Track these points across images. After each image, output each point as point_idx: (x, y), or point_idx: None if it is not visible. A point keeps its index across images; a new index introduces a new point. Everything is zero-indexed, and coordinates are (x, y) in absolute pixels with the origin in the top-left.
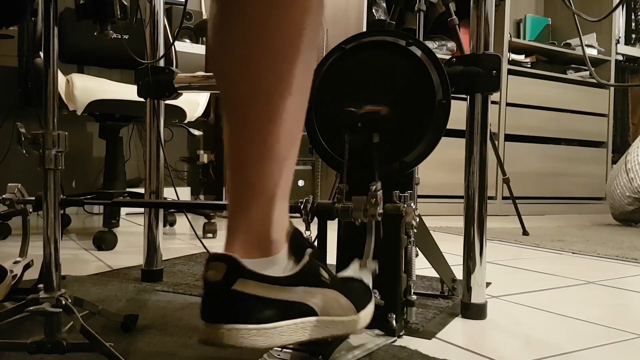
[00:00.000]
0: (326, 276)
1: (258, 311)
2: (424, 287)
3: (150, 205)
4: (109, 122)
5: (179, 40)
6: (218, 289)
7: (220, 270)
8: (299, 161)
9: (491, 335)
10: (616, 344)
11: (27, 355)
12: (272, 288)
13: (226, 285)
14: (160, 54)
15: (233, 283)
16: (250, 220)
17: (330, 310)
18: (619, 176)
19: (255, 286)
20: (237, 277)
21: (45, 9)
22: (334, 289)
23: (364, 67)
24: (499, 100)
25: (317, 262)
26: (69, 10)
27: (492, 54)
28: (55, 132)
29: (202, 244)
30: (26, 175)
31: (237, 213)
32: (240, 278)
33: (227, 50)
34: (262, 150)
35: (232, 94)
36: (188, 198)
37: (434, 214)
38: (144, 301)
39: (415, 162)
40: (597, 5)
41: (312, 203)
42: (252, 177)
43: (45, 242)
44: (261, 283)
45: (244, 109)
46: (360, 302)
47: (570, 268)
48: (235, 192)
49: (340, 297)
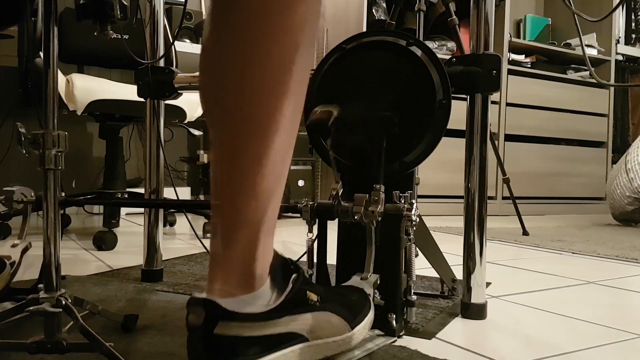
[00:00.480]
0: (315, 298)
1: (242, 351)
2: (424, 287)
3: (150, 205)
4: (109, 122)
5: (179, 40)
6: (200, 334)
7: (201, 315)
8: (299, 161)
9: (491, 335)
10: (616, 344)
11: (27, 355)
12: (255, 325)
13: (207, 329)
14: (160, 54)
15: (214, 327)
16: (233, 258)
17: (321, 332)
18: (619, 176)
19: (237, 327)
20: (217, 320)
21: (45, 9)
22: (325, 309)
23: (364, 67)
24: (499, 100)
25: (303, 286)
26: (69, 10)
27: (492, 54)
28: (55, 132)
29: (202, 244)
30: (26, 175)
31: (220, 249)
32: (221, 321)
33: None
34: (247, 187)
35: (220, 128)
36: (188, 198)
37: (434, 214)
38: (144, 301)
39: (415, 162)
40: (597, 5)
41: (312, 204)
42: (236, 214)
43: (45, 242)
44: (243, 322)
45: (232, 146)
46: (356, 315)
47: (570, 268)
48: (218, 227)
49: (332, 317)
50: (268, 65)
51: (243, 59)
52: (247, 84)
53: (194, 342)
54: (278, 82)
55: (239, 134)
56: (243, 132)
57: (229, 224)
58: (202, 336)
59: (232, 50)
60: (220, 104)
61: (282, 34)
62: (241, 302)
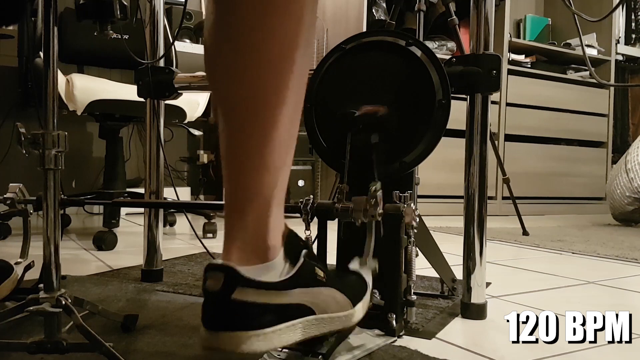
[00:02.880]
0: (321, 274)
1: (257, 317)
2: (424, 287)
3: (150, 205)
4: (109, 122)
5: (179, 40)
6: (218, 298)
7: (219, 280)
8: (299, 161)
9: (491, 335)
10: (616, 344)
11: (27, 355)
12: (270, 293)
13: (225, 294)
14: (160, 54)
15: (232, 292)
16: (247, 228)
17: (327, 307)
18: (619, 176)
19: (254, 293)
20: (236, 286)
21: (45, 9)
22: (330, 286)
23: (363, 67)
24: (499, 100)
25: (312, 261)
26: (69, 10)
27: (492, 54)
28: (55, 132)
29: (202, 244)
30: (26, 175)
31: (234, 221)
32: (239, 287)
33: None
34: (257, 159)
35: (227, 106)
36: (188, 198)
37: (434, 214)
38: (144, 301)
39: (415, 162)
40: (597, 5)
41: (312, 203)
42: (248, 186)
43: (45, 242)
44: (259, 290)
45: (239, 120)
46: (356, 295)
47: (570, 268)
48: (231, 200)
49: (336, 294)
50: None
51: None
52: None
53: (211, 307)
54: (284, 55)
55: (248, 108)
56: (252, 106)
57: (241, 196)
58: (220, 301)
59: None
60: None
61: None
62: (258, 270)
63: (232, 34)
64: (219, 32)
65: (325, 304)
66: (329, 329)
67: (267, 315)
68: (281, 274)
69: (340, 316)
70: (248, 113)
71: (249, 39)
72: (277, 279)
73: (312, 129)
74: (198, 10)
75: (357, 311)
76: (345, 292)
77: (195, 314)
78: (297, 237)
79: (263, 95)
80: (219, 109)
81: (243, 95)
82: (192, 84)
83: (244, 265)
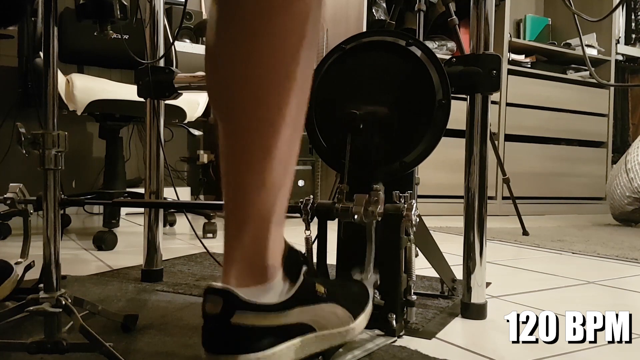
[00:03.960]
0: (322, 290)
1: (257, 340)
2: (424, 287)
3: (150, 205)
4: (109, 122)
5: (179, 40)
6: (217, 323)
7: (218, 304)
8: (299, 161)
9: (491, 335)
10: (616, 344)
11: (27, 355)
12: (269, 316)
13: (224, 318)
14: (160, 54)
15: (231, 316)
16: (246, 249)
17: (327, 323)
18: (619, 176)
19: (253, 317)
20: (235, 310)
21: (45, 9)
22: (330, 301)
23: (363, 67)
24: (499, 100)
25: (312, 278)
26: (69, 10)
27: (492, 54)
28: (55, 132)
29: (202, 244)
30: (26, 175)
31: (233, 241)
32: (238, 311)
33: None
34: (257, 179)
35: (229, 124)
36: (188, 198)
37: (434, 214)
38: (144, 301)
39: (415, 162)
40: (597, 5)
41: (312, 203)
42: (247, 206)
43: (45, 242)
44: (258, 313)
45: (240, 140)
46: (357, 307)
47: (570, 268)
48: (230, 221)
49: (337, 308)
50: (273, 60)
51: (248, 56)
52: (254, 81)
53: (211, 331)
54: (284, 76)
55: (248, 127)
56: (253, 125)
57: (241, 216)
58: (219, 325)
59: (237, 48)
60: (228, 100)
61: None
62: (257, 292)
63: (235, 36)
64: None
65: (325, 320)
66: (329, 345)
67: (266, 338)
68: (281, 295)
69: (341, 331)
70: (248, 118)
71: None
72: (277, 299)
73: (312, 129)
74: (198, 10)
75: (358, 325)
76: (347, 305)
77: (195, 314)
78: (297, 254)
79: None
80: (218, 114)
81: (244, 114)
82: (192, 84)
83: (243, 287)
